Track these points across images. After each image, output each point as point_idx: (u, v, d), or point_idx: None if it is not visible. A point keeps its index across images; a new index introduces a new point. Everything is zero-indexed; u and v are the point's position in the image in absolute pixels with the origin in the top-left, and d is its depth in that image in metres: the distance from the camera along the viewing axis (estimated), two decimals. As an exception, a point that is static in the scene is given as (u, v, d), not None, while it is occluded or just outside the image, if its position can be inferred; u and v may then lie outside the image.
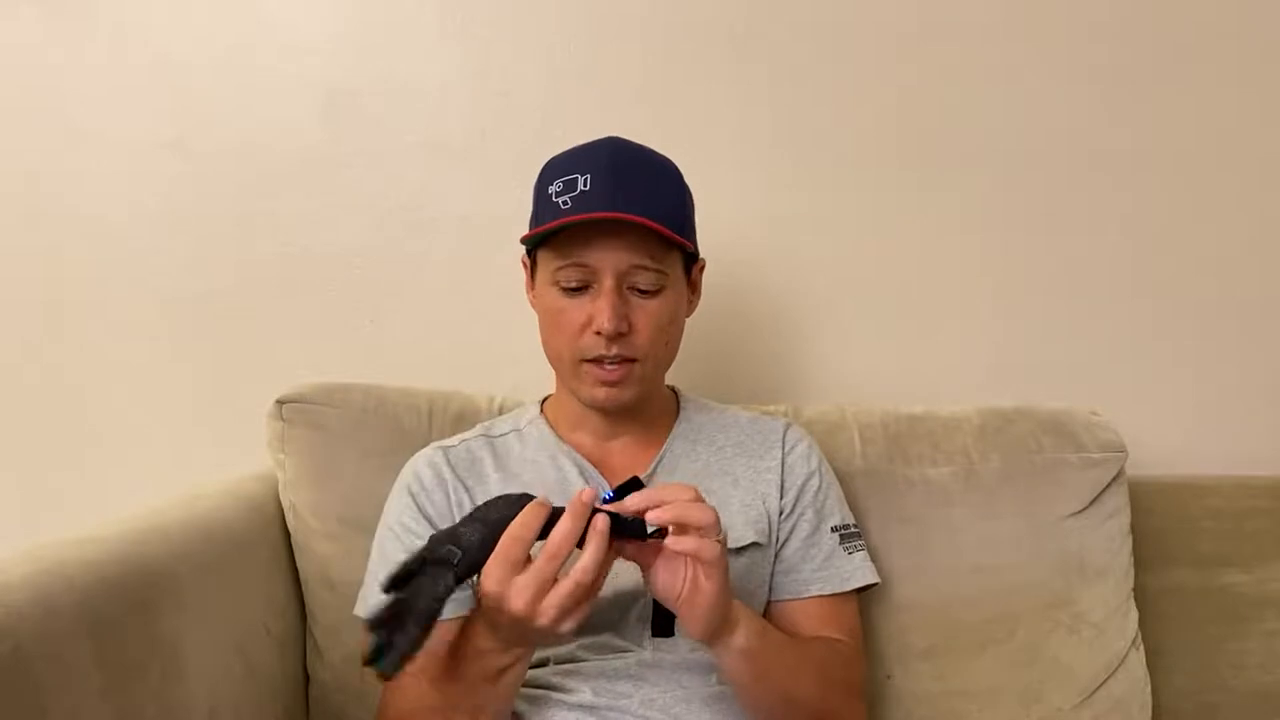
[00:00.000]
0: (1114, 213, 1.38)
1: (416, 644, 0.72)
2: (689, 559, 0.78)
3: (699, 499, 0.79)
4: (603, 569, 0.76)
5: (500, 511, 0.77)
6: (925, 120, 1.37)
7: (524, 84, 1.35)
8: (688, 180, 1.01)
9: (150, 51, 1.35)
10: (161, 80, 1.35)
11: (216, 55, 1.35)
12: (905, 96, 1.36)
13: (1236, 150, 1.38)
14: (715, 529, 0.78)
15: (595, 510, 0.76)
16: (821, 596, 0.99)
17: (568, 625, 0.76)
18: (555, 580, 0.74)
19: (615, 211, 0.90)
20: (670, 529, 0.77)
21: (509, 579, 0.74)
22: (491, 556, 0.75)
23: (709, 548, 0.77)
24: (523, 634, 0.78)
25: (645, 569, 0.81)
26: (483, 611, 0.79)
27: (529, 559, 0.75)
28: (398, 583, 0.74)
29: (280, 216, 1.36)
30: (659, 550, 0.79)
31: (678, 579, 0.79)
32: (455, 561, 0.73)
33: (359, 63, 1.35)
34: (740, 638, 0.83)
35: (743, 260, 1.34)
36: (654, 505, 0.77)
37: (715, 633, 0.81)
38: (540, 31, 1.35)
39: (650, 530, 0.78)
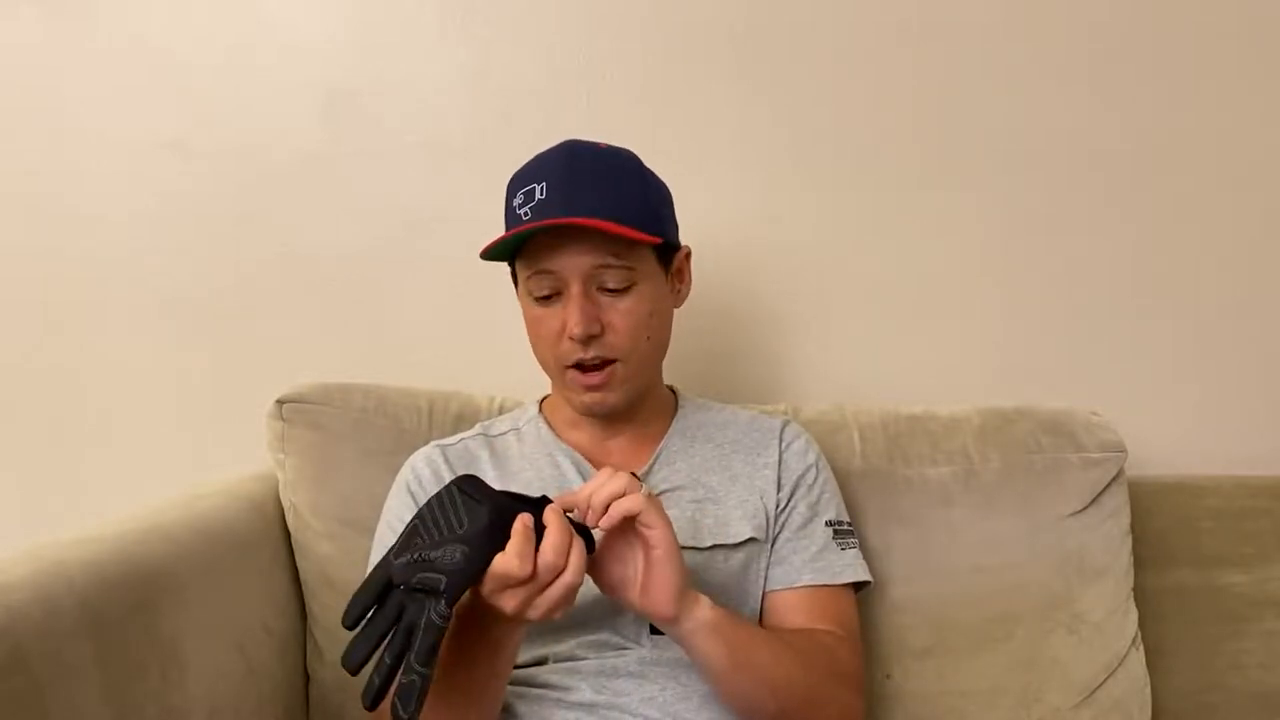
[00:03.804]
0: (1114, 213, 1.38)
1: (429, 679, 0.71)
2: (636, 544, 0.79)
3: (622, 484, 0.79)
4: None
5: (467, 521, 0.75)
6: (925, 120, 1.37)
7: (524, 84, 1.35)
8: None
9: (150, 51, 1.35)
10: (161, 80, 1.36)
11: (216, 55, 1.35)
12: (905, 96, 1.36)
13: (1236, 150, 1.38)
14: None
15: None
16: (813, 587, 0.98)
17: (557, 615, 0.77)
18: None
19: (566, 217, 0.90)
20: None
21: (502, 590, 0.74)
22: (487, 576, 0.74)
23: (640, 503, 0.77)
24: None
25: (594, 574, 0.81)
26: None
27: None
28: (364, 612, 0.74)
29: (280, 217, 1.36)
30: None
31: (629, 566, 0.80)
32: (443, 589, 0.72)
33: (359, 63, 1.35)
34: (706, 609, 0.82)
35: (743, 260, 1.34)
36: (581, 506, 0.78)
37: (682, 604, 0.81)
38: (540, 31, 1.35)
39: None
